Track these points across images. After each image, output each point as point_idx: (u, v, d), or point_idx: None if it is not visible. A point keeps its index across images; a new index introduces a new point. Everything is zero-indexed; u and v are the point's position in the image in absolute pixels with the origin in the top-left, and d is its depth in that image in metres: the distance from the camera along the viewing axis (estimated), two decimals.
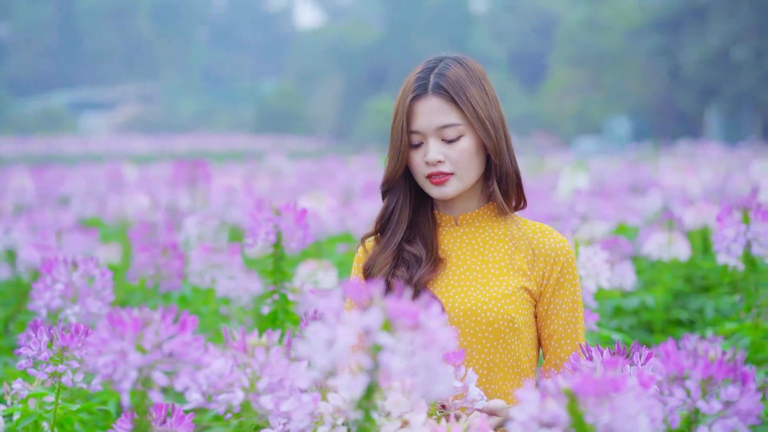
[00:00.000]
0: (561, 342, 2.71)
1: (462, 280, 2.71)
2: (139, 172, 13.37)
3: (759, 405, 1.91)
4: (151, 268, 4.74)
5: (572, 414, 1.76)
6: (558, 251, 2.71)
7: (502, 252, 2.73)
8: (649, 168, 14.69)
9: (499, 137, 2.69)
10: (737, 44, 38.56)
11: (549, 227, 2.77)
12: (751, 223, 3.83)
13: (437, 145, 2.66)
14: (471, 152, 2.67)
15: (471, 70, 2.71)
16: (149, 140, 40.92)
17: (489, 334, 2.64)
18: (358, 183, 11.71)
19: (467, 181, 2.70)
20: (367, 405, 1.72)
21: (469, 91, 2.66)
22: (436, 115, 2.66)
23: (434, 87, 2.67)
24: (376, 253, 2.77)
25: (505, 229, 2.76)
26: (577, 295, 2.73)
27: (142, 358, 1.86)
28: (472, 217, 2.77)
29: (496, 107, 2.71)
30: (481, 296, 2.66)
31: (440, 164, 2.67)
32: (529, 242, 2.72)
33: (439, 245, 2.77)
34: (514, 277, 2.69)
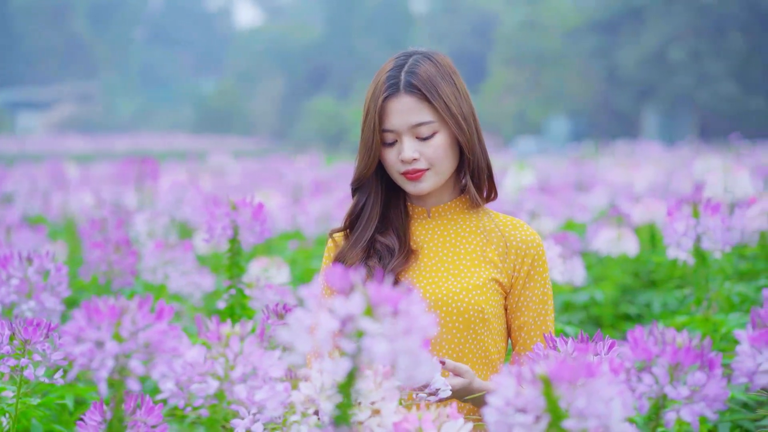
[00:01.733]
0: (531, 334, 2.74)
1: (434, 271, 2.73)
2: (80, 171, 13.23)
3: (725, 390, 1.95)
4: (103, 264, 4.71)
5: (548, 399, 1.79)
6: (529, 244, 2.74)
7: (474, 244, 2.75)
8: (592, 166, 14.85)
9: (471, 131, 2.71)
10: (673, 45, 39.08)
11: (521, 221, 2.80)
12: (701, 218, 3.89)
13: (412, 143, 2.68)
14: (446, 148, 2.69)
15: (441, 65, 2.73)
16: (87, 140, 40.51)
17: (459, 324, 2.67)
18: (305, 181, 11.73)
19: (443, 176, 2.73)
20: (348, 389, 1.73)
21: (440, 87, 2.68)
22: (409, 113, 2.67)
23: (406, 85, 2.67)
24: (346, 249, 2.78)
25: (477, 222, 2.78)
26: (547, 288, 2.76)
27: (119, 347, 1.86)
28: (444, 210, 2.80)
29: (467, 101, 2.73)
30: (452, 286, 2.69)
31: (415, 162, 2.68)
32: (501, 235, 2.75)
33: (411, 237, 2.79)
34: (485, 269, 2.71)
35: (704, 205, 3.93)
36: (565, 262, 5.17)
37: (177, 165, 16.64)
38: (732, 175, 5.66)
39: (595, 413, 1.78)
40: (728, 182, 5.64)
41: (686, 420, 1.95)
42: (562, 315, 5.40)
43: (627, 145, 24.86)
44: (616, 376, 1.95)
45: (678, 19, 39.38)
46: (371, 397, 2.06)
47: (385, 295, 1.68)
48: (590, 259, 6.44)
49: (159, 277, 4.99)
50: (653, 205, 6.29)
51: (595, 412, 1.78)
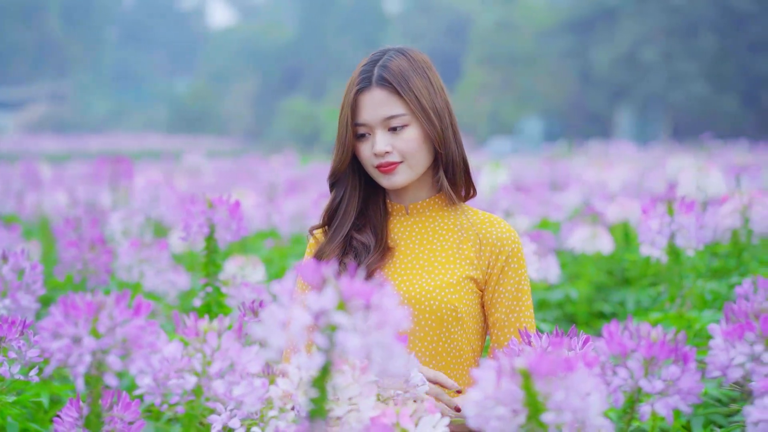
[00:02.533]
0: (504, 330, 2.74)
1: (408, 269, 2.74)
2: (53, 171, 13.17)
3: (699, 384, 1.97)
4: (78, 263, 4.69)
5: (526, 392, 1.80)
6: (504, 240, 2.74)
7: (450, 241, 2.76)
8: (566, 165, 14.90)
9: (444, 126, 2.72)
10: (646, 45, 39.27)
11: (498, 217, 2.81)
12: (675, 215, 3.92)
13: (384, 136, 2.70)
14: (418, 141, 2.70)
15: (415, 60, 2.74)
16: (61, 140, 40.31)
17: (432, 322, 2.67)
18: (280, 180, 11.72)
19: (417, 170, 2.74)
20: (323, 383, 1.74)
21: (412, 81, 2.69)
22: (380, 106, 2.69)
23: (378, 79, 2.70)
24: (324, 244, 2.80)
25: (454, 219, 2.79)
26: (522, 285, 2.76)
27: (96, 343, 1.86)
28: (422, 207, 2.81)
29: (442, 96, 2.75)
30: (426, 285, 2.69)
31: (388, 155, 2.70)
32: (476, 232, 2.75)
33: (389, 234, 2.80)
34: (460, 267, 2.72)
35: (678, 203, 3.97)
36: (540, 260, 5.20)
37: (151, 165, 16.59)
38: (704, 174, 5.70)
39: (572, 407, 1.79)
40: (701, 181, 5.68)
41: (661, 413, 1.97)
42: (537, 313, 5.42)
43: (600, 145, 24.97)
44: (590, 369, 1.96)
45: (650, 19, 39.58)
46: (349, 392, 2.07)
47: (358, 289, 1.69)
48: (565, 258, 6.47)
49: (134, 275, 4.97)
50: (627, 203, 6.33)
51: (572, 405, 1.79)
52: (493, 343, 2.76)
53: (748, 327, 2.03)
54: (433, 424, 2.06)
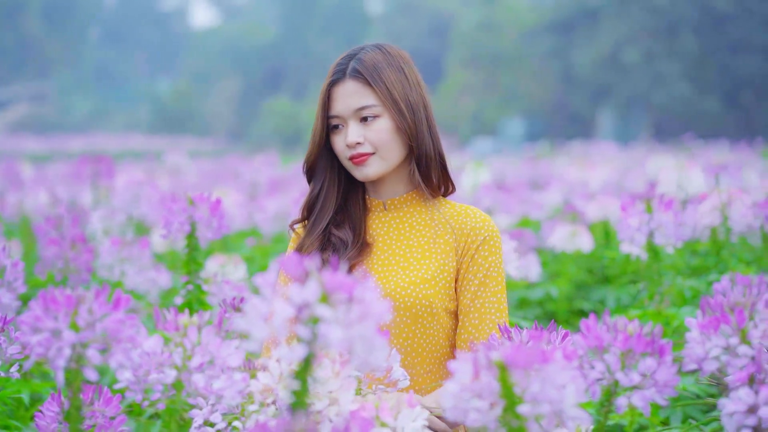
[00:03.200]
0: (468, 316, 2.72)
1: (384, 265, 2.75)
2: (35, 171, 13.14)
3: (675, 377, 1.99)
4: (59, 261, 4.68)
5: (503, 385, 1.82)
6: (478, 229, 2.75)
7: (426, 236, 2.77)
8: (548, 165, 14.95)
9: (418, 120, 2.74)
10: (628, 46, 39.38)
11: (474, 208, 2.82)
12: (654, 213, 3.95)
13: (356, 127, 2.73)
14: (389, 132, 2.73)
15: (390, 55, 2.78)
16: (42, 140, 40.19)
17: (407, 318, 2.68)
18: (262, 180, 11.73)
19: (389, 162, 2.76)
20: (304, 376, 1.75)
21: (384, 73, 2.73)
22: (352, 97, 2.73)
23: (351, 71, 2.74)
24: (304, 237, 2.82)
25: (431, 214, 2.80)
26: (492, 271, 2.74)
27: (76, 336, 1.87)
28: (400, 202, 2.82)
29: (417, 91, 2.77)
30: (400, 281, 2.70)
31: (359, 146, 2.73)
32: (452, 224, 2.77)
33: (368, 230, 2.82)
34: (435, 261, 2.73)
35: (657, 201, 4.00)
36: (520, 259, 5.23)
37: (133, 165, 16.56)
38: (685, 172, 5.73)
39: (549, 398, 1.81)
40: (681, 179, 5.71)
41: (637, 405, 1.98)
42: (518, 311, 5.45)
43: (582, 146, 25.04)
44: (569, 362, 1.98)
45: (632, 20, 39.69)
46: (329, 386, 2.08)
47: (340, 282, 1.71)
48: (545, 256, 6.50)
49: (115, 274, 4.98)
50: (607, 202, 6.36)
51: (549, 397, 1.81)
52: (458, 331, 2.75)
53: (723, 320, 2.05)
54: (413, 417, 2.08)
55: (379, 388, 2.38)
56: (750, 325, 2.05)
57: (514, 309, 5.41)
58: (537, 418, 1.83)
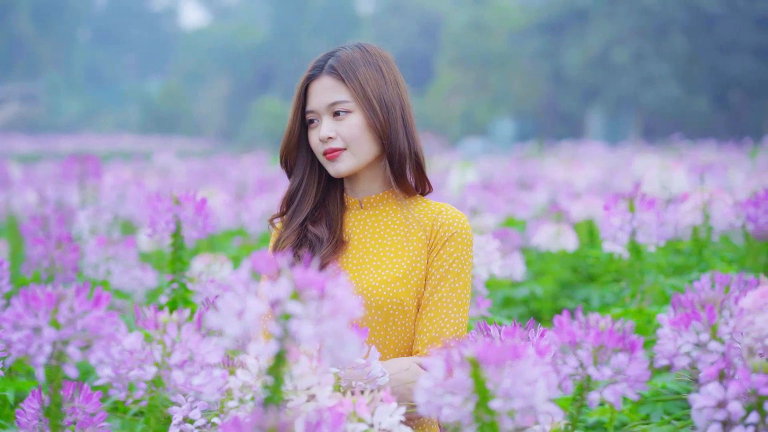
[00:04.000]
0: (424, 310, 2.74)
1: (358, 263, 2.78)
2: (24, 171, 13.14)
3: (647, 372, 2.02)
4: (45, 261, 4.70)
5: (475, 380, 1.85)
6: (447, 225, 2.77)
7: (400, 235, 2.80)
8: (535, 165, 14.99)
9: (392, 118, 2.77)
10: (617, 47, 39.45)
11: (449, 206, 2.84)
12: (636, 212, 3.99)
13: (329, 122, 2.77)
14: (361, 128, 2.76)
15: (369, 53, 2.82)
16: (32, 140, 40.10)
17: (378, 317, 2.71)
18: (250, 179, 11.74)
19: (361, 158, 2.78)
20: (277, 372, 1.78)
21: (360, 70, 2.77)
22: (326, 93, 2.78)
23: (327, 68, 2.79)
24: (282, 230, 2.86)
25: (406, 212, 2.82)
26: (455, 267, 2.75)
27: (56, 333, 1.89)
28: (375, 201, 2.85)
29: (394, 90, 2.80)
30: (372, 280, 2.73)
31: (331, 140, 2.77)
32: (424, 222, 2.79)
33: (344, 227, 2.85)
34: (407, 259, 2.75)
35: (639, 200, 4.03)
36: (503, 258, 5.26)
37: (122, 165, 16.56)
38: (668, 172, 5.77)
39: (520, 394, 1.84)
40: (664, 179, 5.75)
41: (609, 400, 2.02)
42: (503, 310, 5.48)
43: (571, 146, 25.08)
44: (542, 358, 2.01)
45: (621, 21, 39.76)
46: (306, 381, 2.11)
47: (311, 279, 1.74)
48: (531, 255, 6.53)
49: (101, 273, 5.00)
50: (592, 202, 6.39)
51: (520, 392, 1.84)
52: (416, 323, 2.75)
53: (694, 316, 2.09)
54: (390, 413, 2.10)
55: (357, 384, 2.41)
56: (720, 321, 2.09)
57: (498, 308, 5.44)
58: (510, 413, 1.86)
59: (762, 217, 4.27)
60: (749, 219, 4.31)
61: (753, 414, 1.88)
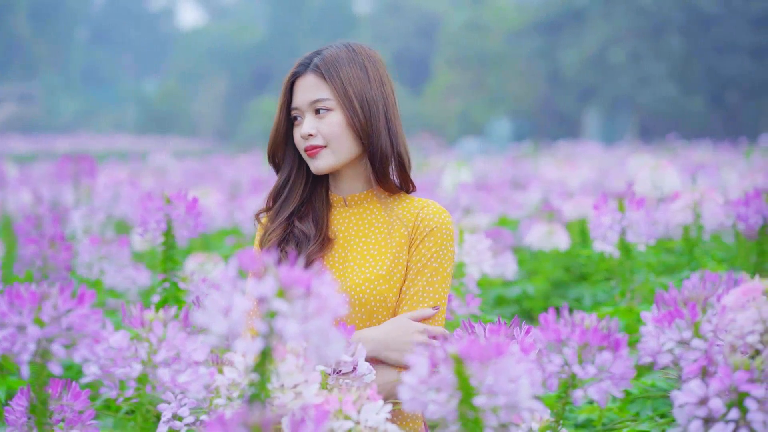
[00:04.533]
0: (402, 303, 2.75)
1: (342, 261, 2.80)
2: (20, 171, 13.15)
3: (631, 369, 2.03)
4: (38, 260, 4.71)
5: (459, 377, 1.86)
6: (427, 221, 2.78)
7: (383, 232, 2.81)
8: (530, 165, 15.01)
9: (374, 118, 2.78)
10: (613, 47, 39.48)
11: (432, 203, 2.84)
12: (626, 211, 4.00)
13: (311, 119, 2.79)
14: (341, 126, 2.77)
15: (356, 53, 2.84)
16: (29, 140, 40.09)
17: (362, 314, 2.73)
18: (244, 178, 11.74)
19: (340, 156, 2.80)
20: (262, 369, 1.79)
21: (343, 69, 2.79)
22: (309, 90, 2.80)
23: (312, 66, 2.81)
24: (268, 224, 2.87)
25: (389, 210, 2.84)
26: (433, 263, 2.76)
27: (40, 331, 1.91)
28: (360, 199, 2.87)
29: (379, 90, 2.81)
30: (356, 278, 2.75)
31: (312, 138, 2.79)
32: (407, 218, 2.81)
33: (330, 225, 2.86)
34: (390, 257, 2.77)
35: (629, 199, 4.05)
36: (496, 257, 5.28)
37: (118, 165, 16.57)
38: (660, 172, 5.78)
39: (503, 390, 1.85)
40: (656, 178, 5.76)
41: (593, 398, 2.03)
42: (495, 308, 5.49)
43: (567, 146, 25.10)
44: (526, 356, 2.03)
45: (618, 21, 39.81)
46: (293, 379, 2.12)
47: (297, 277, 1.75)
48: (523, 254, 6.54)
49: (94, 272, 5.00)
50: (584, 201, 6.41)
51: (503, 389, 1.85)
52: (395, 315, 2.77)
53: (677, 314, 2.10)
54: (376, 410, 2.11)
55: (345, 382, 2.42)
56: (703, 319, 2.10)
57: (491, 307, 5.45)
58: (494, 410, 1.88)
59: (752, 216, 4.28)
60: (739, 218, 4.32)
61: (733, 411, 1.90)
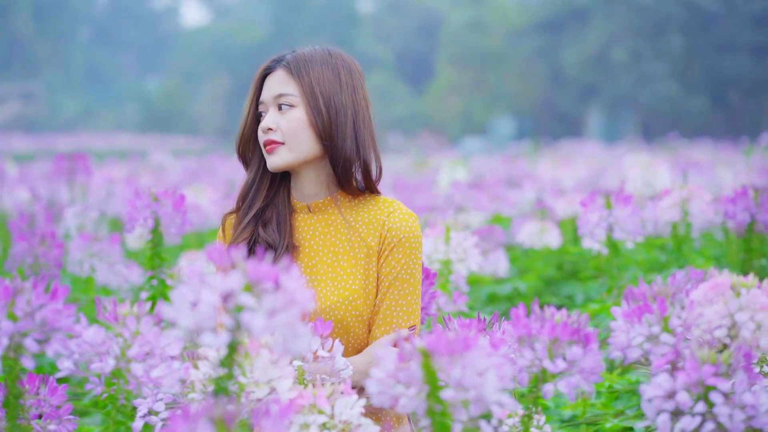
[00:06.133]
0: (376, 317, 2.74)
1: (313, 275, 2.76)
2: (20, 169, 13.17)
3: (601, 364, 2.05)
4: (29, 257, 4.73)
5: (426, 371, 1.88)
6: (395, 230, 2.75)
7: (351, 241, 2.78)
8: (525, 163, 15.02)
9: (340, 122, 2.75)
10: (615, 46, 39.49)
11: (398, 204, 2.81)
12: (613, 209, 4.02)
13: (273, 113, 2.78)
14: (300, 124, 2.74)
15: (332, 56, 2.82)
16: (30, 139, 40.11)
17: (339, 330, 2.71)
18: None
19: (298, 155, 2.75)
20: (229, 363, 1.81)
21: (314, 69, 2.77)
22: (275, 85, 2.78)
23: (284, 62, 2.80)
24: (236, 224, 2.85)
25: (356, 214, 2.80)
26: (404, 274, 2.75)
27: (13, 326, 1.92)
28: (324, 205, 2.82)
29: (349, 96, 2.78)
30: (332, 296, 2.72)
31: (271, 132, 2.76)
32: (374, 224, 2.78)
33: (294, 231, 2.83)
34: (360, 268, 2.74)
35: (615, 196, 4.07)
36: (487, 255, 5.30)
37: (117, 163, 16.59)
38: (652, 170, 5.80)
39: (471, 384, 1.87)
40: (648, 176, 5.78)
41: (563, 392, 2.04)
42: (487, 306, 5.50)
43: (569, 145, 25.11)
44: (495, 350, 2.04)
45: (619, 20, 39.82)
46: (268, 374, 2.13)
47: (264, 272, 1.76)
48: (515, 252, 6.55)
49: (85, 269, 5.02)
50: (577, 198, 6.41)
51: (471, 383, 1.87)
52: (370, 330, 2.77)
53: (646, 309, 2.12)
54: (350, 405, 2.13)
55: (322, 378, 2.43)
56: (672, 314, 2.12)
57: (483, 305, 5.46)
58: (463, 403, 1.89)
59: (740, 213, 4.30)
60: (727, 216, 4.33)
61: (700, 404, 1.91)
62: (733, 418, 1.90)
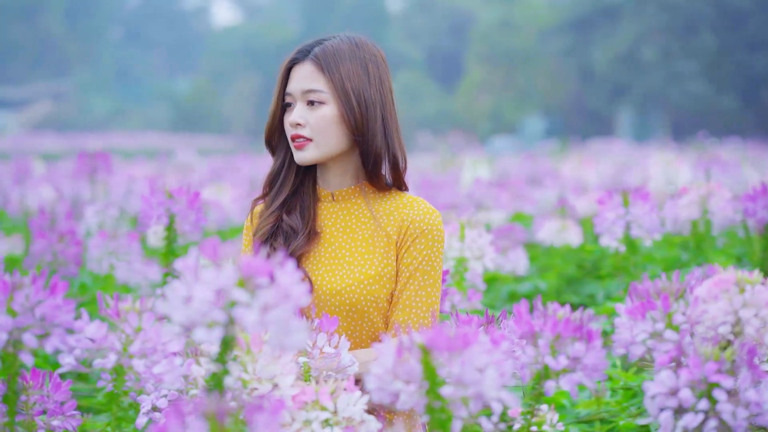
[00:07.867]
0: (395, 306, 2.74)
1: (331, 259, 2.78)
2: (47, 168, 13.26)
3: (604, 361, 2.03)
4: (48, 254, 4.75)
5: (425, 367, 1.86)
6: (417, 222, 2.76)
7: (372, 230, 2.79)
8: (553, 162, 14.95)
9: (370, 117, 2.75)
10: (645, 44, 39.29)
11: (422, 201, 2.82)
12: (630, 206, 3.99)
13: (301, 108, 2.77)
14: (331, 121, 2.75)
15: (359, 48, 2.80)
16: (61, 138, 40.33)
17: (353, 314, 2.72)
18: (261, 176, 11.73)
19: (326, 150, 2.77)
20: (223, 358, 1.80)
21: (344, 63, 2.75)
22: (304, 79, 2.77)
23: (311, 55, 2.77)
24: (263, 210, 2.87)
25: (378, 206, 2.82)
26: (425, 265, 2.75)
27: (12, 321, 1.92)
28: (348, 194, 2.84)
29: (377, 90, 2.78)
30: (347, 278, 2.73)
31: (300, 127, 2.76)
32: (395, 216, 2.79)
33: (317, 219, 2.85)
34: (379, 255, 2.75)
35: (633, 194, 4.04)
36: (509, 253, 5.28)
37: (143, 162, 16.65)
38: (674, 167, 5.76)
39: (470, 381, 1.85)
40: (670, 174, 5.74)
41: (565, 388, 2.02)
42: (507, 304, 5.48)
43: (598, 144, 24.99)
44: (496, 346, 2.02)
45: (649, 18, 39.60)
46: (271, 371, 2.13)
47: (258, 267, 1.75)
48: (536, 250, 6.52)
49: (104, 267, 5.04)
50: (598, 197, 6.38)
51: (470, 379, 1.85)
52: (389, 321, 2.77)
53: (650, 306, 2.09)
54: (353, 401, 2.12)
55: (328, 374, 2.42)
56: (677, 310, 2.09)
57: (502, 302, 5.44)
58: (462, 400, 1.88)
59: (760, 211, 4.26)
60: (747, 213, 4.30)
61: (703, 401, 1.89)
62: (736, 415, 1.88)
